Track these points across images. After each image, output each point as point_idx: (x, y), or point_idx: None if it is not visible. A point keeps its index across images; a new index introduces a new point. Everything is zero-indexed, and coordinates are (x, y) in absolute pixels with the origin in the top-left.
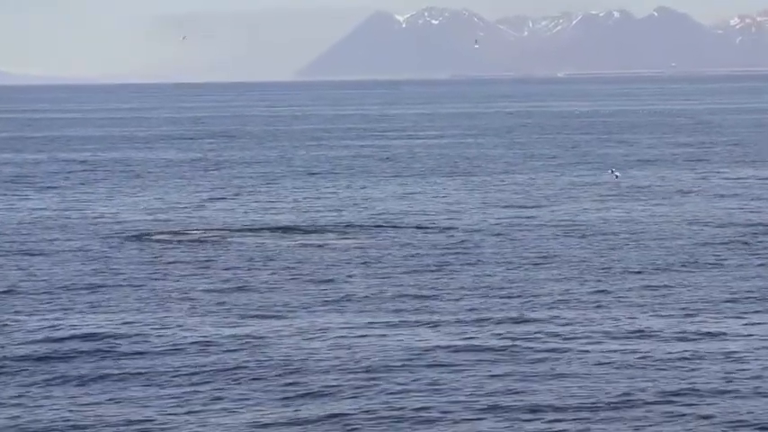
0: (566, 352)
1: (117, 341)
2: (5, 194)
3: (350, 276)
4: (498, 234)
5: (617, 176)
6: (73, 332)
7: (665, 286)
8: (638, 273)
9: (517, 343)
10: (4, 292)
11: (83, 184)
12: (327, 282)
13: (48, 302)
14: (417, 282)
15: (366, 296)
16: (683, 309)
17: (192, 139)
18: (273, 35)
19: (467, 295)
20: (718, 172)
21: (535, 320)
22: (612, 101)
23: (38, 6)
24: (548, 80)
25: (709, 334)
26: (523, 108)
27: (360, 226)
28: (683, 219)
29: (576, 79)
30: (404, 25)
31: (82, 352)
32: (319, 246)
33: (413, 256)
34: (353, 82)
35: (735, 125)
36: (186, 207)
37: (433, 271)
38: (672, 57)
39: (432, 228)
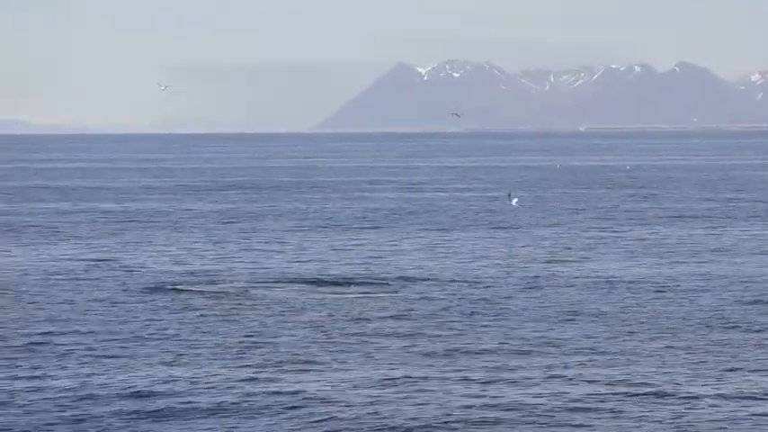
0: (597, 411)
1: (149, 397)
2: (32, 244)
3: (379, 330)
4: (525, 288)
5: (515, 202)
6: (103, 389)
7: (694, 345)
8: (669, 329)
9: (547, 400)
10: (32, 344)
11: (110, 234)
12: (357, 335)
13: (77, 356)
14: (446, 335)
15: (396, 350)
16: (714, 368)
17: (216, 190)
18: (296, 86)
19: (496, 350)
20: (744, 229)
21: (564, 377)
22: (634, 155)
23: (56, 57)
24: (569, 134)
25: (742, 395)
26: (546, 162)
27: (386, 279)
28: (709, 276)
29: (597, 133)
30: (425, 78)
31: (114, 409)
32: (347, 298)
33: (441, 309)
34: (376, 134)
35: (758, 181)
36: (214, 258)
37: (462, 324)
38: (693, 112)
39: (460, 281)
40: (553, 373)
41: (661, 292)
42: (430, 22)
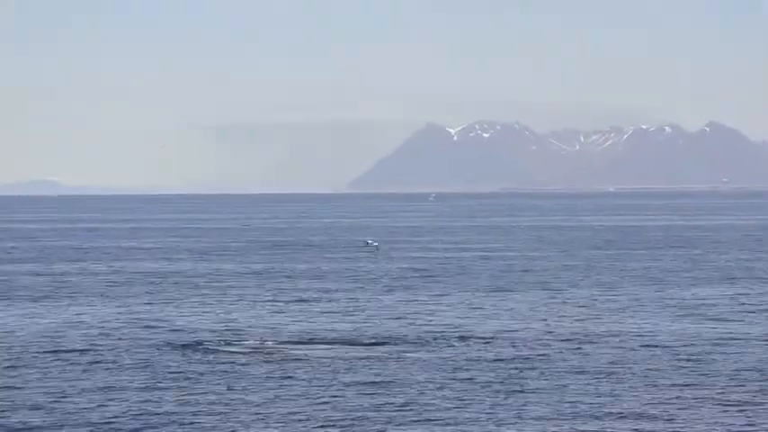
0: None
1: None
2: (68, 304)
3: (418, 390)
4: (564, 349)
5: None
6: None
7: (737, 404)
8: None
9: None
10: (64, 397)
11: (146, 294)
12: (396, 395)
13: (111, 418)
14: (489, 397)
15: (436, 410)
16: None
17: (251, 250)
18: (325, 145)
19: (536, 411)
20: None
21: None
22: (669, 215)
23: (84, 117)
24: (599, 194)
25: None
26: (583, 223)
27: (422, 338)
28: (746, 336)
29: (627, 194)
30: (455, 138)
31: None
32: (383, 358)
33: (481, 369)
34: (407, 194)
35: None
36: (250, 318)
37: (502, 385)
38: (723, 171)
39: (497, 340)
40: None
41: (700, 351)
42: (459, 82)
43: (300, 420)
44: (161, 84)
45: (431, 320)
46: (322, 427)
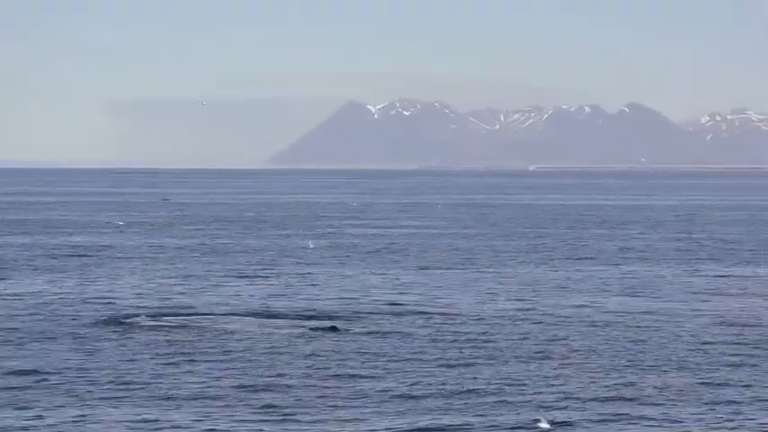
0: None
1: None
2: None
3: (351, 368)
4: (500, 325)
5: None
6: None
7: (687, 384)
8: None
9: None
10: None
11: (75, 268)
12: (336, 371)
13: (37, 394)
14: (426, 373)
15: (374, 389)
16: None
17: (176, 225)
18: (245, 123)
19: (481, 390)
20: (710, 268)
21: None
22: (586, 194)
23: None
24: (519, 173)
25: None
26: (504, 201)
27: (358, 314)
28: (678, 314)
29: (547, 173)
30: (376, 116)
31: None
32: (321, 334)
33: (418, 346)
34: (327, 171)
35: (712, 222)
36: (179, 293)
37: (443, 360)
38: (642, 152)
39: (430, 316)
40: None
41: (634, 328)
42: (380, 60)
43: (239, 398)
44: (74, 58)
45: (364, 296)
46: (263, 406)
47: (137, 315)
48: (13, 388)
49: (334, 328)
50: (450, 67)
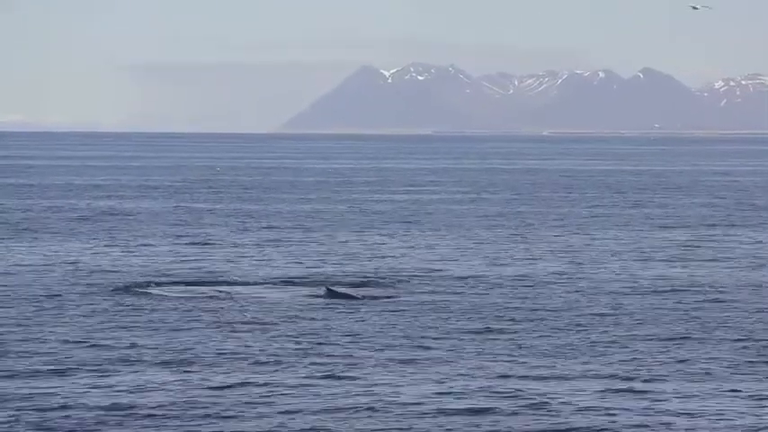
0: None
1: (113, 402)
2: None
3: (371, 334)
4: (520, 289)
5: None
6: (63, 397)
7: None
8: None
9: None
10: None
11: (93, 233)
12: (345, 341)
13: (39, 361)
14: (454, 339)
15: (395, 355)
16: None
17: (193, 190)
18: (259, 87)
19: (498, 355)
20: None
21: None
22: (602, 160)
23: (10, 53)
24: (533, 138)
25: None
26: (521, 166)
27: (374, 281)
28: (680, 279)
29: (560, 138)
30: (390, 80)
31: (77, 418)
32: (337, 302)
33: (421, 311)
34: (344, 135)
35: (721, 188)
36: (186, 259)
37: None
38: (656, 118)
39: (459, 280)
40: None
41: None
42: (394, 24)
43: (241, 368)
44: (87, 22)
45: (384, 262)
46: (280, 371)
47: (154, 282)
48: (27, 353)
49: (349, 296)
50: (464, 32)
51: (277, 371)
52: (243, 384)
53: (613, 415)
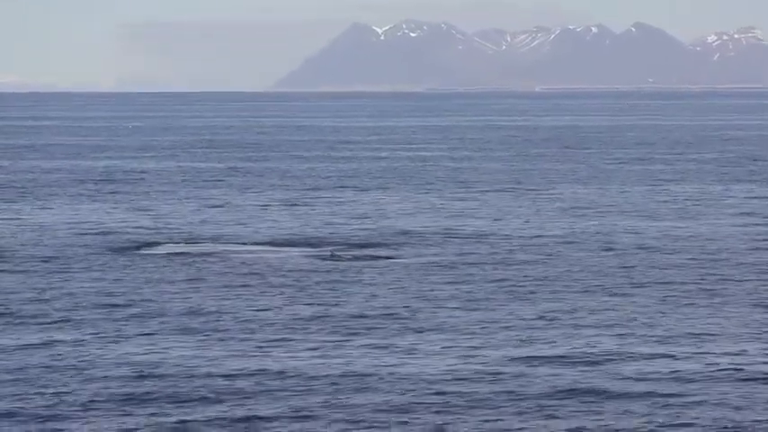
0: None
1: (123, 367)
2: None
3: (346, 295)
4: (511, 246)
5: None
6: (69, 359)
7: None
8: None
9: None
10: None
11: (95, 194)
12: (347, 302)
13: (45, 322)
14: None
15: (365, 314)
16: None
17: (192, 148)
18: (250, 46)
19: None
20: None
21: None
22: (596, 116)
23: (4, 13)
24: (526, 95)
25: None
26: (519, 123)
27: (382, 241)
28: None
29: (555, 94)
30: (382, 37)
31: (86, 380)
32: (324, 261)
33: (413, 273)
34: (337, 93)
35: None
36: (197, 220)
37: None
38: (650, 72)
39: (471, 238)
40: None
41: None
42: None
43: (233, 325)
44: None
45: (391, 222)
46: (283, 334)
47: (156, 243)
48: (31, 316)
49: (353, 258)
50: None
51: (285, 336)
52: (250, 346)
53: (628, 368)
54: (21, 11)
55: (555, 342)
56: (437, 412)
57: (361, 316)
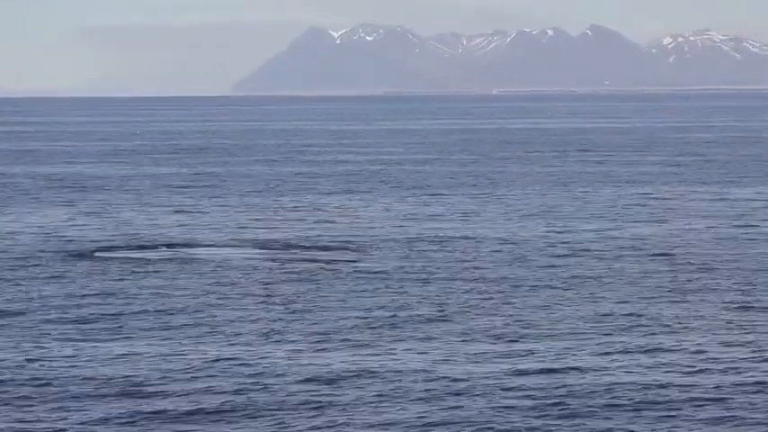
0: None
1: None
2: None
3: (310, 296)
4: (479, 248)
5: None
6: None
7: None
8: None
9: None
10: None
11: (40, 200)
12: (314, 305)
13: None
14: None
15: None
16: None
17: (148, 154)
18: (206, 50)
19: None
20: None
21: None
22: (556, 118)
23: None
24: (482, 98)
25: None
26: (473, 125)
27: (351, 244)
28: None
29: (512, 96)
30: (338, 41)
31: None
32: (277, 263)
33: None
34: (293, 97)
35: (676, 143)
36: (161, 225)
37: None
38: (606, 75)
39: (441, 242)
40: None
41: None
42: None
43: (211, 328)
44: None
45: (358, 226)
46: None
47: (121, 247)
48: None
49: (316, 260)
50: None
51: (254, 339)
52: (220, 351)
53: (612, 374)
54: None
55: (533, 350)
56: (418, 418)
57: (331, 320)
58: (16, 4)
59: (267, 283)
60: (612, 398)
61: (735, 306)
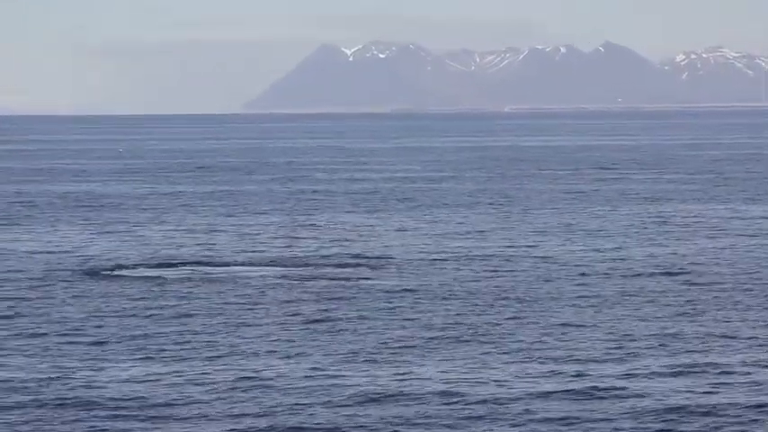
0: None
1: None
2: None
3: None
4: (498, 267)
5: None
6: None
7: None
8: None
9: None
10: None
11: (51, 218)
12: (325, 319)
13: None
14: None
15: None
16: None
17: (162, 171)
18: (218, 67)
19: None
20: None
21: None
22: (570, 135)
23: None
24: (495, 115)
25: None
26: (490, 143)
27: (366, 263)
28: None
29: (524, 114)
30: (351, 59)
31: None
32: (296, 281)
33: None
34: (308, 115)
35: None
36: (169, 243)
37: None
38: (618, 92)
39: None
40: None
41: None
42: (353, 2)
43: (217, 344)
44: (41, 2)
45: (377, 244)
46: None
47: (140, 265)
48: (16, 344)
49: (333, 278)
50: (424, 8)
51: (270, 357)
52: (233, 371)
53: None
54: None
55: (554, 371)
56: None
57: (351, 339)
58: (16, 22)
59: (286, 302)
60: (638, 422)
61: (757, 324)
